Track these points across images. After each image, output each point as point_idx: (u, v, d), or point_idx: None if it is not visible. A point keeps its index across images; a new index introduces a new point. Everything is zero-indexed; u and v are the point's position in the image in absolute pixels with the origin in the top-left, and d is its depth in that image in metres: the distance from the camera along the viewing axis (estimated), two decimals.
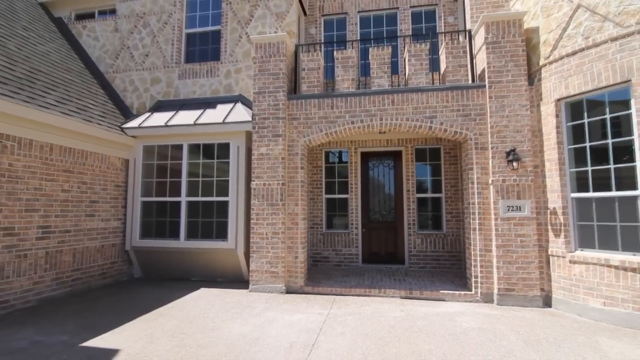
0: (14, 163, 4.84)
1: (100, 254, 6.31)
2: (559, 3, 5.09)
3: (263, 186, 5.99)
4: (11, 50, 5.77)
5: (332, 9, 8.26)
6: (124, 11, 7.90)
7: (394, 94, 5.83)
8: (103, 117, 6.50)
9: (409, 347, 3.62)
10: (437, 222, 7.46)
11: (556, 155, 5.01)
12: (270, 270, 5.86)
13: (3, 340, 3.78)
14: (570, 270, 4.77)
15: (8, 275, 4.77)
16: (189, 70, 7.41)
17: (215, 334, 3.98)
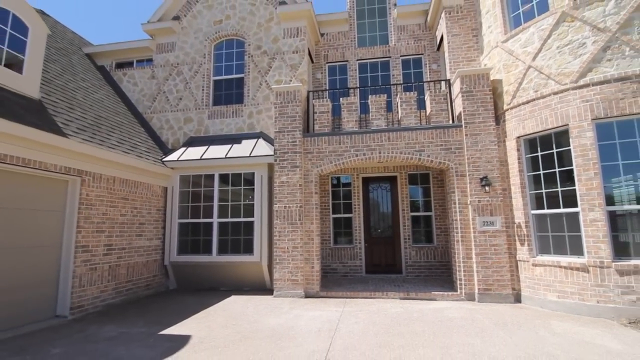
0: (89, 193, 6.08)
1: (146, 268, 7.45)
2: (516, 63, 6.59)
3: (284, 208, 7.25)
4: (80, 101, 7.11)
5: (335, 57, 9.80)
6: (160, 61, 9.35)
7: (390, 132, 7.22)
8: (148, 153, 7.80)
9: (407, 328, 4.83)
10: (428, 237, 8.74)
11: (519, 180, 6.37)
12: (291, 278, 7.05)
13: (96, 333, 4.92)
14: (533, 271, 6.04)
15: (83, 284, 5.91)
16: (217, 111, 8.80)
17: (257, 324, 5.15)
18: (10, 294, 4.88)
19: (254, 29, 8.99)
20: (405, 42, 9.55)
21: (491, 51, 7.25)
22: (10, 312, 4.89)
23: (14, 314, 4.96)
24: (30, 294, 5.20)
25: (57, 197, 5.71)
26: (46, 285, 5.49)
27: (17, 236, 5.02)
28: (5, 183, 4.90)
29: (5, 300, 4.82)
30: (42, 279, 5.41)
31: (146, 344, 4.39)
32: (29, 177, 5.23)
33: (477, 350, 3.99)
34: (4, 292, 4.81)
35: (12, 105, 5.00)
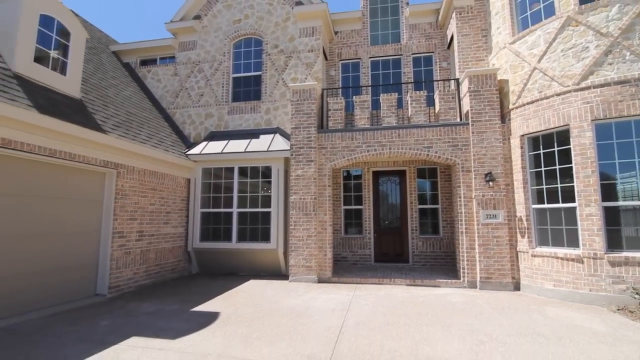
0: (124, 184, 6.68)
1: (172, 254, 8.10)
2: (522, 64, 6.91)
3: (299, 200, 7.77)
4: (112, 98, 7.68)
5: (348, 55, 10.17)
6: (182, 59, 9.86)
7: (400, 129, 7.63)
8: (173, 147, 8.37)
9: (412, 310, 5.35)
10: (435, 228, 9.19)
11: (521, 176, 6.76)
12: (305, 265, 7.60)
13: (136, 309, 5.55)
14: (532, 262, 6.47)
15: (120, 267, 6.56)
16: (236, 107, 9.31)
17: (277, 304, 5.72)
18: (57, 275, 5.53)
19: (272, 28, 9.41)
20: (417, 41, 9.85)
21: (499, 52, 7.56)
22: (58, 290, 5.55)
23: (62, 291, 5.61)
24: (75, 274, 5.85)
25: (96, 188, 6.33)
26: (88, 267, 6.14)
27: (63, 223, 5.64)
28: (55, 175, 5.50)
29: (54, 279, 5.47)
30: (84, 261, 6.06)
31: (182, 318, 5.00)
32: (74, 170, 5.84)
33: (475, 329, 4.48)
34: (53, 273, 5.45)
35: (61, 106, 5.58)
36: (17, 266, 4.90)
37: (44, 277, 5.29)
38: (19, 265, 4.94)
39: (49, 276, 5.38)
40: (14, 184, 4.91)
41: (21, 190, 5.00)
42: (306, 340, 4.09)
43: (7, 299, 4.78)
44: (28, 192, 5.08)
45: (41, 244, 5.24)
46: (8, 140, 4.64)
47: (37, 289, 5.18)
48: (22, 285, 4.97)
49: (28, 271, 5.06)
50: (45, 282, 5.31)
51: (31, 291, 5.10)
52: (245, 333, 4.35)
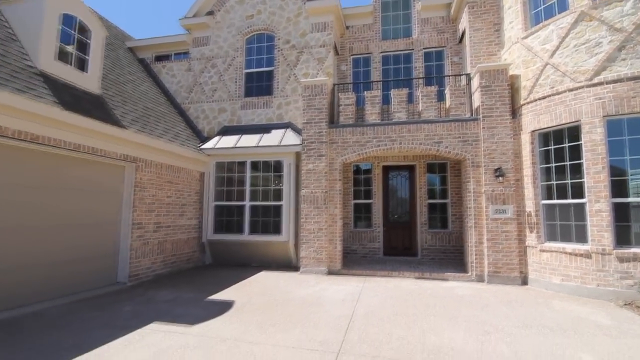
0: (142, 177, 6.93)
1: (187, 245, 8.37)
2: (534, 59, 6.90)
3: (310, 193, 7.94)
4: (130, 94, 7.92)
5: (359, 50, 10.21)
6: (196, 54, 10.04)
7: (410, 125, 7.70)
8: (188, 141, 8.60)
9: (420, 301, 5.50)
10: (444, 223, 9.28)
11: (531, 172, 6.79)
12: (316, 257, 7.80)
13: (155, 296, 5.82)
14: (540, 256, 6.54)
15: (138, 256, 6.84)
16: (249, 102, 9.48)
17: (289, 295, 5.93)
18: (81, 263, 5.82)
19: (284, 24, 9.51)
20: (428, 35, 9.84)
21: (511, 46, 7.54)
22: (82, 278, 5.84)
23: (85, 279, 5.91)
24: (97, 263, 6.15)
25: (116, 181, 6.59)
26: (109, 256, 6.43)
27: (86, 215, 5.92)
28: (78, 169, 5.77)
29: (78, 268, 5.76)
30: (105, 251, 6.35)
31: (199, 305, 5.24)
32: (95, 164, 6.10)
33: (481, 320, 4.62)
34: (77, 262, 5.74)
35: (83, 102, 5.82)
36: (44, 256, 5.19)
37: (69, 266, 5.58)
38: (46, 255, 5.23)
39: (74, 265, 5.67)
40: (41, 177, 5.18)
41: (48, 182, 5.27)
42: (318, 328, 4.28)
43: (36, 287, 5.08)
44: (54, 185, 5.36)
45: (66, 235, 5.53)
46: (36, 135, 4.89)
47: (63, 277, 5.48)
48: (49, 273, 5.27)
49: (55, 260, 5.35)
50: (70, 271, 5.61)
51: (57, 279, 5.40)
52: (260, 320, 4.57)
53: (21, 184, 4.90)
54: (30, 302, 5.00)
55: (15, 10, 5.78)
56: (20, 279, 4.87)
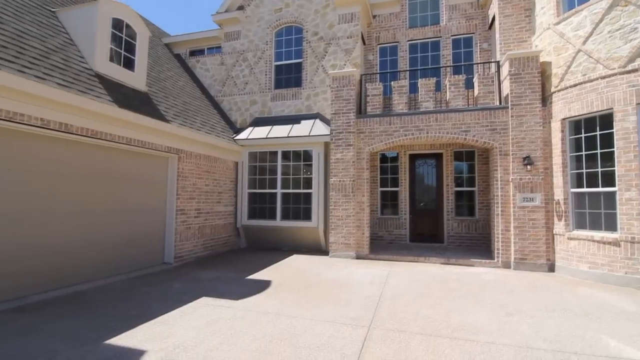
0: (184, 167, 7.51)
1: (223, 230, 8.98)
2: (566, 46, 6.80)
3: (339, 182, 8.28)
4: (170, 89, 8.48)
5: (386, 39, 10.28)
6: (228, 49, 10.48)
7: (437, 114, 7.82)
8: (223, 132, 9.12)
9: (446, 285, 5.78)
10: (471, 210, 9.38)
11: (561, 160, 6.79)
12: (344, 242, 8.18)
13: (199, 275, 6.42)
14: (568, 244, 6.60)
15: (182, 240, 7.48)
16: (279, 94, 9.85)
17: (320, 276, 6.37)
18: (133, 245, 6.49)
19: (311, 16, 9.73)
20: (457, 22, 9.76)
21: (543, 33, 7.43)
22: (134, 258, 6.51)
23: (137, 260, 6.58)
24: (146, 245, 6.81)
25: (161, 171, 7.19)
26: (156, 239, 7.09)
27: (136, 201, 6.55)
28: (129, 160, 6.38)
29: (130, 249, 6.43)
30: (153, 234, 7.00)
31: (239, 284, 5.78)
32: (143, 156, 6.70)
33: (505, 303, 4.85)
34: (130, 244, 6.41)
35: (133, 100, 6.39)
36: (103, 238, 5.86)
37: (123, 247, 6.25)
38: (104, 237, 5.90)
39: (127, 246, 6.33)
40: (97, 168, 5.81)
41: (102, 173, 5.90)
42: (349, 306, 4.68)
43: (97, 265, 5.77)
44: (107, 175, 5.98)
45: (118, 220, 6.17)
46: (96, 131, 5.49)
47: (118, 257, 6.16)
48: (107, 253, 5.94)
49: (111, 242, 6.02)
50: (125, 251, 6.28)
51: (114, 258, 6.07)
52: (296, 298, 5.02)
53: (82, 174, 5.53)
54: (94, 278, 5.70)
55: (70, 16, 6.36)
56: (85, 258, 5.55)
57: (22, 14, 5.58)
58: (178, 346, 3.38)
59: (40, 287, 4.88)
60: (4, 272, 4.47)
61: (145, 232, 6.77)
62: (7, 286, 4.50)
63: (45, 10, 6.29)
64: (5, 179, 4.51)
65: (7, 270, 4.50)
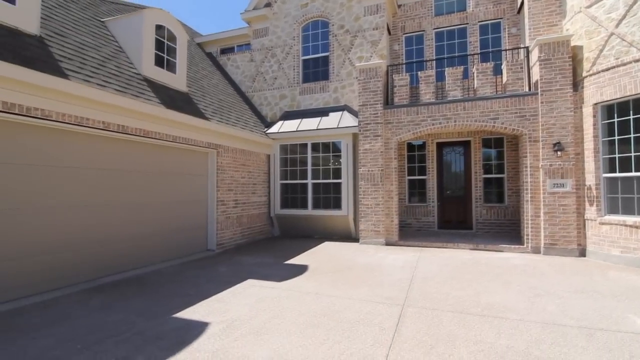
0: (222, 161, 8.05)
1: (258, 219, 9.53)
2: (598, 29, 6.71)
3: (367, 172, 8.58)
4: (206, 88, 9.01)
5: (412, 28, 10.34)
6: (257, 46, 10.88)
7: (465, 102, 7.91)
8: (255, 127, 9.59)
9: (475, 269, 6.02)
10: (500, 197, 9.44)
11: (592, 145, 6.77)
12: (374, 229, 8.52)
13: (240, 260, 6.97)
14: (599, 229, 6.63)
15: (223, 228, 8.06)
16: (307, 88, 10.19)
17: (352, 261, 6.76)
18: (181, 233, 7.11)
19: (337, 9, 9.92)
20: (484, 7, 9.67)
21: (574, 16, 7.32)
22: (181, 245, 7.14)
23: (184, 247, 7.21)
24: (192, 233, 7.42)
25: (202, 165, 7.75)
26: (200, 228, 7.70)
27: (182, 194, 7.14)
28: (174, 156, 6.95)
29: (180, 237, 7.06)
30: (198, 224, 7.61)
31: (279, 268, 6.27)
32: (186, 152, 7.26)
33: (533, 285, 5.06)
34: (178, 233, 7.02)
35: (176, 100, 6.93)
36: (153, 226, 6.49)
37: (172, 235, 6.88)
38: (154, 226, 6.52)
39: (175, 234, 6.96)
40: (146, 164, 6.40)
41: (151, 168, 6.49)
42: (383, 287, 5.05)
43: (153, 252, 6.41)
44: (155, 170, 6.57)
45: (166, 210, 6.79)
46: (147, 130, 6.06)
47: (168, 244, 6.79)
48: (158, 241, 6.58)
49: (161, 230, 6.65)
50: (173, 239, 6.91)
51: (164, 246, 6.71)
52: (332, 280, 5.44)
53: (137, 170, 6.14)
54: (149, 263, 6.35)
55: (118, 25, 6.93)
56: (141, 246, 6.20)
57: (79, 27, 6.18)
58: (235, 319, 3.87)
59: (108, 271, 5.56)
60: (81, 256, 5.14)
61: (191, 221, 7.38)
62: (84, 269, 5.19)
63: (96, 21, 6.88)
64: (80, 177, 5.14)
65: (84, 254, 5.17)
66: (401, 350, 3.16)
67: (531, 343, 3.27)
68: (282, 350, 3.17)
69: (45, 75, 4.39)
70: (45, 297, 4.57)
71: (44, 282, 4.70)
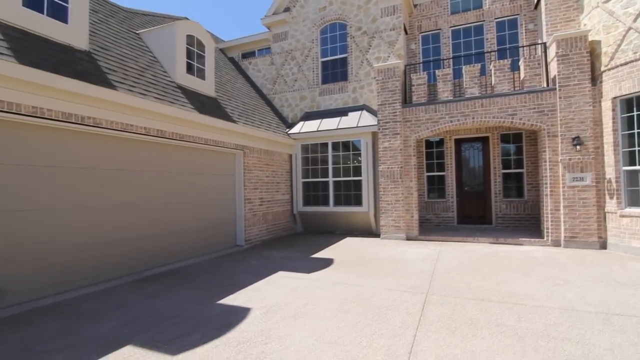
0: (248, 162, 8.48)
1: (282, 216, 9.95)
2: (616, 24, 6.78)
3: (387, 169, 8.86)
4: (231, 92, 9.47)
5: (428, 27, 10.52)
6: (277, 49, 11.28)
7: (483, 99, 8.08)
8: (278, 128, 10.00)
9: (495, 261, 6.24)
10: (519, 192, 9.55)
11: (612, 139, 6.86)
12: (394, 225, 8.79)
13: (268, 255, 7.38)
14: (620, 222, 6.73)
15: (250, 225, 8.50)
16: (326, 89, 10.53)
17: (376, 255, 7.07)
18: (213, 229, 7.57)
19: (354, 12, 10.21)
20: (500, 4, 9.76)
21: (591, 11, 7.39)
22: (212, 241, 7.60)
23: (215, 242, 7.67)
24: (222, 230, 7.88)
25: (230, 166, 8.20)
26: (229, 225, 8.16)
27: (212, 193, 7.60)
28: (206, 158, 7.42)
29: (212, 233, 7.52)
30: (227, 221, 8.07)
31: (306, 261, 6.64)
32: (216, 153, 7.72)
33: (553, 276, 5.26)
34: (210, 229, 7.49)
35: (207, 106, 7.39)
36: (187, 224, 6.96)
37: (204, 232, 7.34)
38: (188, 224, 7.00)
39: (207, 231, 7.42)
40: (180, 164, 6.87)
41: (183, 169, 6.96)
42: (406, 278, 5.35)
43: (189, 247, 6.89)
44: (187, 171, 7.04)
45: (198, 208, 7.26)
46: (182, 134, 6.53)
47: (201, 240, 7.25)
48: (196, 237, 7.05)
49: (194, 227, 7.12)
50: (206, 235, 7.37)
51: (198, 241, 7.17)
52: (358, 271, 5.77)
53: (175, 171, 6.62)
54: (186, 257, 6.83)
55: (151, 36, 7.43)
56: (178, 241, 6.68)
57: (118, 40, 6.69)
58: (273, 305, 4.26)
59: (152, 264, 6.06)
60: (129, 251, 5.65)
61: (221, 218, 7.85)
62: (132, 263, 5.70)
63: (132, 34, 7.40)
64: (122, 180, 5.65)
65: (131, 249, 5.68)
66: (427, 331, 3.47)
67: (549, 326, 3.52)
68: (319, 331, 3.53)
69: (97, 87, 4.88)
70: (100, 287, 5.08)
71: (98, 274, 5.22)
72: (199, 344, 3.29)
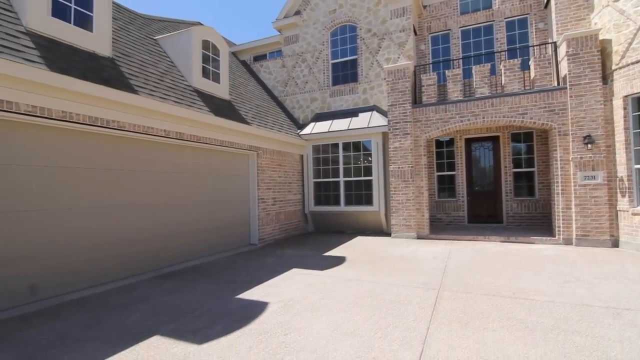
0: (261, 162, 8.69)
1: (294, 215, 10.14)
2: (627, 22, 6.80)
3: (398, 169, 8.97)
4: (244, 94, 9.71)
5: (437, 27, 10.60)
6: (288, 52, 11.49)
7: (493, 99, 8.14)
8: (290, 129, 10.20)
9: (506, 259, 6.32)
10: (530, 191, 9.57)
11: (623, 137, 6.87)
12: (405, 224, 8.90)
13: (282, 253, 7.56)
14: (632, 220, 6.73)
15: (263, 224, 8.71)
16: (336, 90, 10.69)
17: (387, 253, 7.19)
18: (228, 229, 7.79)
19: (364, 14, 10.35)
20: (510, 4, 9.80)
21: (602, 10, 7.40)
22: (227, 239, 7.81)
23: (230, 241, 7.88)
24: (236, 229, 8.10)
25: (243, 166, 8.42)
26: (243, 224, 8.37)
27: (227, 192, 7.82)
28: (221, 159, 7.64)
29: (227, 232, 7.74)
30: (241, 220, 8.28)
31: (318, 259, 6.81)
32: (230, 154, 7.94)
33: (564, 273, 5.33)
34: (225, 228, 7.70)
35: (222, 108, 7.62)
36: (203, 223, 7.19)
37: (220, 230, 7.56)
38: (204, 222, 7.22)
39: (222, 230, 7.64)
40: (197, 165, 7.10)
41: (201, 170, 7.19)
42: (418, 275, 5.48)
43: (205, 245, 7.12)
44: (204, 172, 7.26)
45: (214, 207, 7.47)
46: (199, 136, 6.76)
47: (216, 238, 7.46)
48: (211, 235, 7.28)
49: (210, 226, 7.34)
50: (221, 234, 7.59)
51: (213, 240, 7.38)
52: (370, 269, 5.92)
53: (192, 172, 6.86)
54: (203, 255, 7.06)
55: (169, 42, 7.70)
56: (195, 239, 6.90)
57: (138, 46, 6.96)
58: (290, 299, 4.44)
59: (170, 261, 6.29)
60: (150, 249, 5.89)
61: (236, 218, 8.06)
62: (152, 260, 5.94)
63: (150, 39, 7.68)
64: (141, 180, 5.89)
65: (150, 247, 5.92)
66: (440, 324, 3.60)
67: (560, 320, 3.62)
68: (335, 323, 3.69)
69: (122, 92, 5.12)
70: (123, 283, 5.32)
71: (121, 270, 5.46)
72: (222, 334, 3.48)
